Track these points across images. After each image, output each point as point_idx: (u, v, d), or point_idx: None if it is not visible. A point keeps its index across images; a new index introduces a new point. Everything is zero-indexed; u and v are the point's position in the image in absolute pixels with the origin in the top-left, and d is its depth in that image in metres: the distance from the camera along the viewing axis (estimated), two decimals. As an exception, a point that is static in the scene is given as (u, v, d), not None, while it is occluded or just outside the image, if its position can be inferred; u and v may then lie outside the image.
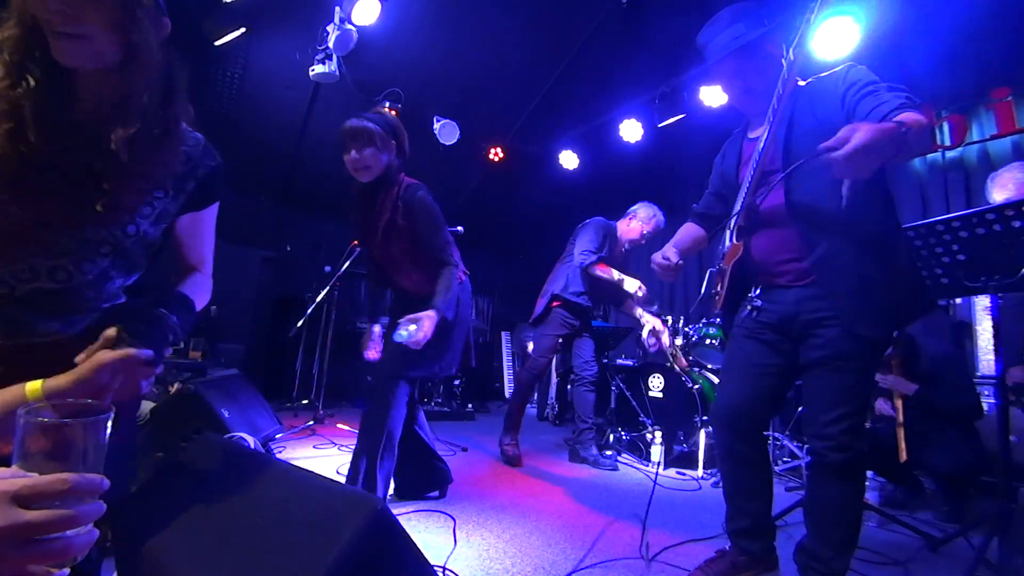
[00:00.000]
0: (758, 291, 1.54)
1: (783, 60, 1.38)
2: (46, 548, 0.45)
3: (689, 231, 1.81)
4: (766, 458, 1.58)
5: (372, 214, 1.86)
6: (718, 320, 3.77)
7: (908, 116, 1.14)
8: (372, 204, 1.87)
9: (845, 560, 1.38)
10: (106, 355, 0.74)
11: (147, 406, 2.13)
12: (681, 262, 1.58)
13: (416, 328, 1.66)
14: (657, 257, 1.59)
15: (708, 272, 1.69)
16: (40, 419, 0.50)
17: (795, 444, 3.15)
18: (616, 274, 3.02)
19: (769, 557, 1.55)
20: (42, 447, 0.50)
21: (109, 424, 0.54)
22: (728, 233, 1.59)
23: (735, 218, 1.52)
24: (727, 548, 1.59)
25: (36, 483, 0.46)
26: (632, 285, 2.97)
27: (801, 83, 1.51)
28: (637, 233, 3.26)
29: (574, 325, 3.17)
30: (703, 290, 1.70)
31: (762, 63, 1.47)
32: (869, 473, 2.78)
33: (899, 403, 2.40)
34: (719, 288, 1.63)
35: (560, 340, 3.18)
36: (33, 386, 0.70)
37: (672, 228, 5.90)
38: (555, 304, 3.06)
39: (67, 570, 0.49)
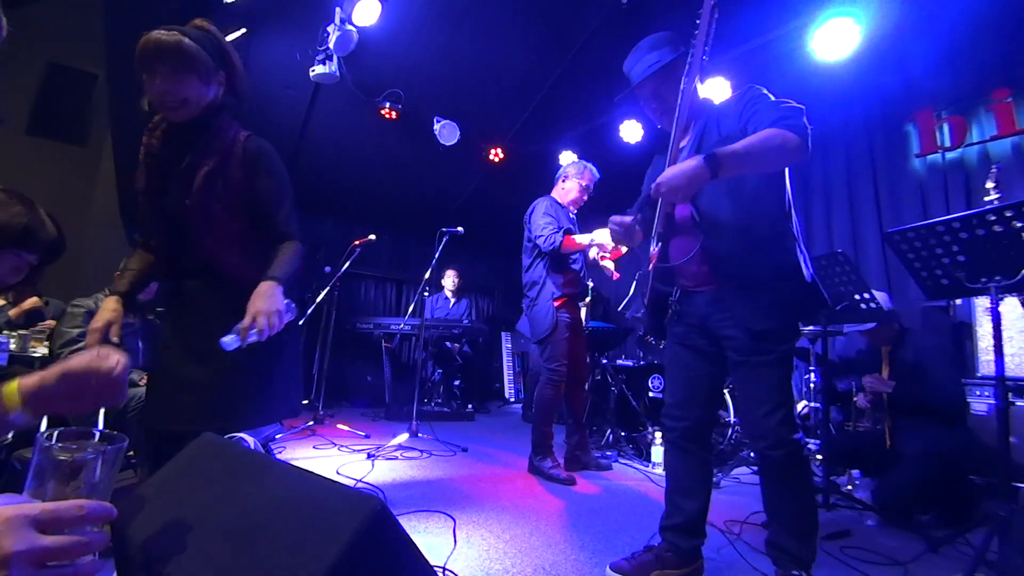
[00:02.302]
0: (677, 295, 1.66)
1: (695, 82, 1.48)
2: (58, 574, 0.46)
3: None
4: (706, 460, 1.64)
5: (184, 158, 1.32)
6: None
7: (761, 136, 1.34)
8: (183, 147, 1.33)
9: (811, 546, 1.46)
10: (75, 362, 0.72)
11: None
12: (636, 219, 1.60)
13: (257, 321, 1.14)
14: (615, 218, 1.61)
15: (637, 274, 1.74)
16: (58, 447, 0.53)
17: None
18: (584, 239, 2.83)
19: (695, 558, 1.60)
20: (57, 475, 0.52)
21: (121, 455, 0.56)
22: (652, 239, 1.66)
23: (656, 224, 1.61)
24: (655, 543, 1.65)
25: (55, 508, 0.47)
26: (603, 236, 2.76)
27: (716, 103, 1.64)
28: (576, 191, 3.05)
29: (576, 319, 3.01)
30: (631, 291, 1.77)
31: (677, 84, 1.55)
32: (856, 472, 2.79)
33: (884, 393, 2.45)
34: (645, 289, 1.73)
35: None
36: (9, 388, 0.70)
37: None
38: (557, 304, 2.89)
39: None
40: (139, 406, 1.99)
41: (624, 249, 2.79)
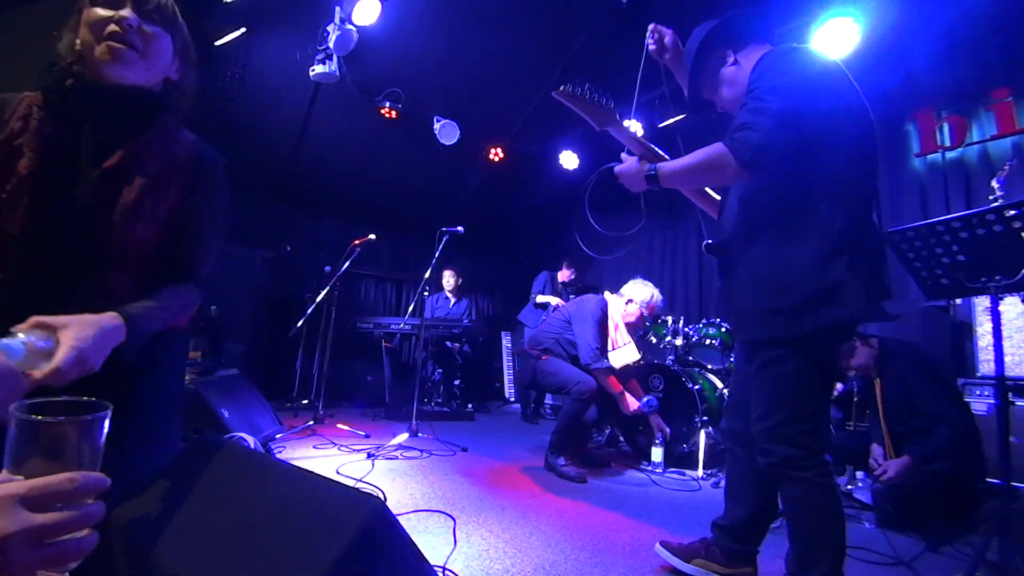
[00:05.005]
0: None
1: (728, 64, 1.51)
2: (58, 550, 0.44)
3: (712, 196, 1.73)
4: (753, 470, 1.55)
5: (108, 148, 0.94)
6: (718, 320, 3.79)
7: (701, 155, 1.30)
8: (110, 132, 0.96)
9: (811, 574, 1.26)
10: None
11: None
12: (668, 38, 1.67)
13: (47, 341, 0.70)
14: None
15: None
16: (35, 419, 0.46)
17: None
18: (617, 387, 2.95)
19: (742, 563, 1.57)
20: (38, 447, 0.46)
21: (106, 423, 0.50)
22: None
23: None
24: (709, 537, 1.66)
25: (44, 484, 0.44)
26: (630, 404, 2.95)
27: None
28: (636, 317, 3.15)
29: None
30: None
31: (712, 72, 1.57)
32: (861, 474, 2.76)
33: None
34: None
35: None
36: None
37: (673, 248, 5.81)
38: (544, 358, 3.06)
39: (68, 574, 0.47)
40: None
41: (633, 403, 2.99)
